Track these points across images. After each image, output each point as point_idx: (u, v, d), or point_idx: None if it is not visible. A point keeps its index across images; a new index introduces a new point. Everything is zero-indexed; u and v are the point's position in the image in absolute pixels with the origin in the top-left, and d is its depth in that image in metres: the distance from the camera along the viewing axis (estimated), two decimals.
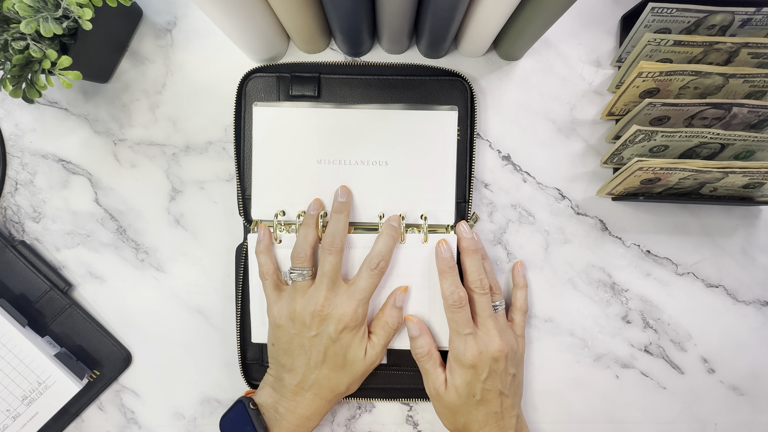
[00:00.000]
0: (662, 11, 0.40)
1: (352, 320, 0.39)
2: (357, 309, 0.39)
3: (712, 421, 0.47)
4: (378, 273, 0.40)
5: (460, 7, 0.37)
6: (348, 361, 0.40)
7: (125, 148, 0.47)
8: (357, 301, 0.40)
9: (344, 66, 0.45)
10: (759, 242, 0.47)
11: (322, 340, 0.40)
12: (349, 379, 0.41)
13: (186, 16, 0.47)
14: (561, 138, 0.47)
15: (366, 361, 0.41)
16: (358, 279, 0.40)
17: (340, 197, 0.42)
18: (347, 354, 0.40)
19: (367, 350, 0.41)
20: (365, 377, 0.42)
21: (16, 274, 0.45)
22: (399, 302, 0.42)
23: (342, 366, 0.40)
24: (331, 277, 0.40)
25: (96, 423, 0.47)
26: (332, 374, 0.40)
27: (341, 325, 0.39)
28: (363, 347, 0.40)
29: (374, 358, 0.41)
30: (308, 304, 0.40)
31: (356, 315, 0.39)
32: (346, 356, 0.40)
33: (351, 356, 0.40)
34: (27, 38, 0.37)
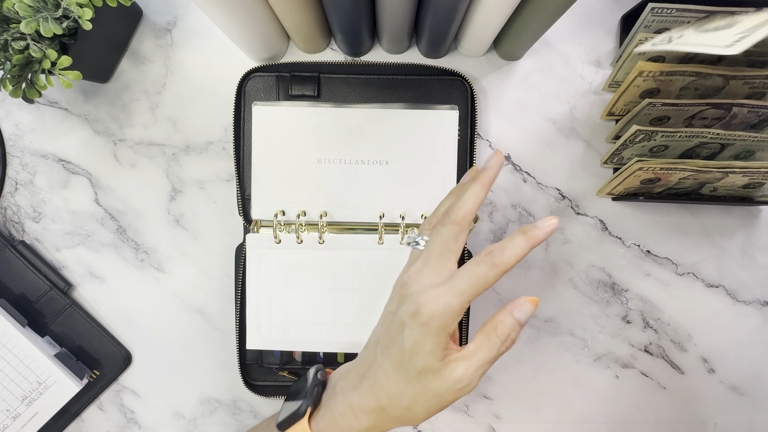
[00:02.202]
0: (662, 11, 0.40)
1: (429, 303, 0.28)
2: (445, 294, 0.28)
3: (712, 421, 0.47)
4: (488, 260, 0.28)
5: (460, 7, 0.37)
6: (416, 365, 0.28)
7: (125, 148, 0.47)
8: (450, 286, 0.28)
9: (344, 65, 0.45)
10: (759, 242, 0.47)
11: (394, 321, 0.30)
12: (415, 392, 0.29)
13: (186, 16, 0.47)
14: (561, 138, 0.47)
15: (445, 379, 0.28)
16: (465, 267, 0.29)
17: (493, 163, 0.31)
18: (415, 355, 0.28)
19: (450, 362, 0.28)
20: (443, 406, 0.29)
21: (16, 274, 0.45)
22: (520, 315, 0.29)
23: (406, 368, 0.29)
24: (434, 251, 0.30)
25: (96, 423, 0.47)
26: (393, 374, 0.29)
27: (414, 307, 0.28)
28: (440, 355, 0.28)
29: (461, 377, 0.28)
30: (401, 274, 0.32)
31: (440, 300, 0.28)
32: (413, 357, 0.28)
33: (421, 361, 0.28)
34: (27, 38, 0.37)
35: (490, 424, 0.47)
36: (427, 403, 0.29)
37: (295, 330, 0.43)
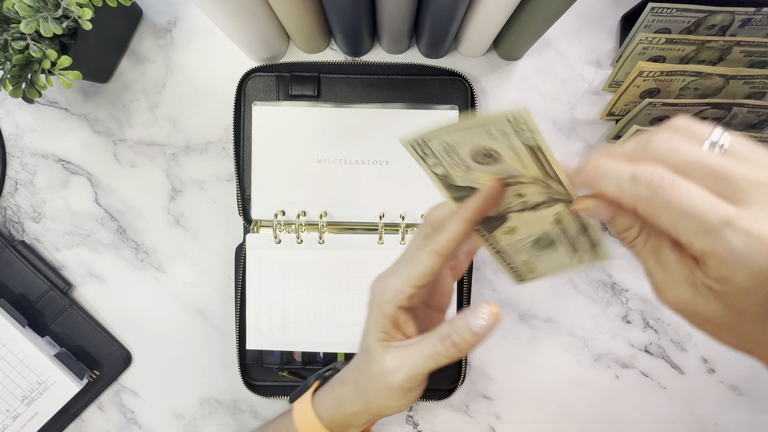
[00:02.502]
0: (662, 11, 0.40)
1: (373, 285, 0.28)
2: (387, 276, 0.28)
3: (712, 421, 0.47)
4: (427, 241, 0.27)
5: (460, 7, 0.37)
6: (364, 344, 0.29)
7: (125, 148, 0.47)
8: (392, 269, 0.28)
9: (344, 65, 0.45)
10: None
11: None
12: (364, 375, 0.29)
13: (186, 16, 0.47)
14: (561, 138, 0.47)
15: (378, 362, 0.27)
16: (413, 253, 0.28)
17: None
18: (364, 334, 0.29)
19: (387, 347, 0.28)
20: (383, 402, 0.28)
21: (16, 274, 0.45)
22: (476, 327, 0.26)
23: (361, 347, 0.30)
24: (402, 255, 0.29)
25: (96, 423, 0.47)
26: (358, 358, 0.30)
27: (369, 292, 0.29)
28: (377, 336, 0.28)
29: (387, 364, 0.27)
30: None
31: (380, 280, 0.28)
32: (363, 337, 0.29)
33: (365, 341, 0.29)
34: (27, 38, 0.37)
35: (490, 424, 0.47)
36: (371, 388, 0.28)
37: (295, 330, 0.43)
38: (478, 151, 0.25)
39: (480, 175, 0.26)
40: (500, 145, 0.24)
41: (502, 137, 0.24)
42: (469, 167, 0.26)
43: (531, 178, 0.26)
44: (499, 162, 0.25)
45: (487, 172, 0.26)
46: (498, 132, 0.24)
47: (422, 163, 0.26)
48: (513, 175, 0.26)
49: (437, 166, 0.26)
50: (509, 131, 0.24)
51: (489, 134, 0.24)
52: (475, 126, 0.24)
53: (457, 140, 0.25)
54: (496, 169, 0.26)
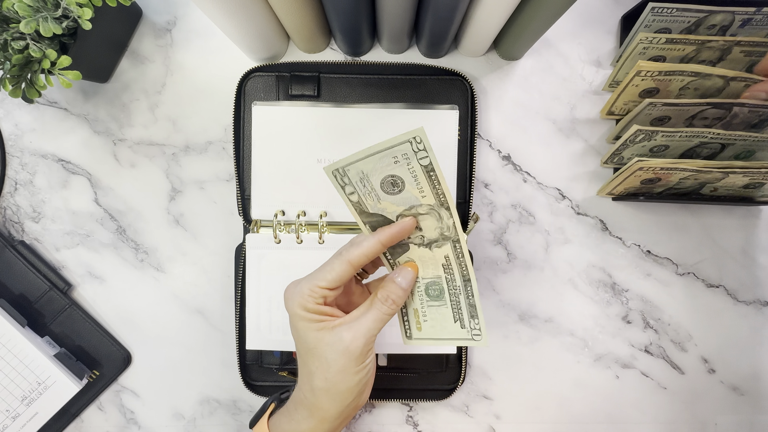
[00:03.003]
0: (662, 11, 0.40)
1: (287, 291, 0.33)
2: (304, 280, 0.32)
3: (713, 421, 0.47)
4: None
5: (460, 7, 0.37)
6: (304, 345, 0.32)
7: (125, 148, 0.47)
8: (312, 273, 0.33)
9: (344, 65, 0.45)
10: (759, 242, 0.47)
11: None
12: (317, 369, 0.32)
13: (186, 15, 0.47)
14: (561, 138, 0.47)
15: (334, 344, 0.31)
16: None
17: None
18: (299, 339, 0.32)
19: (335, 328, 0.32)
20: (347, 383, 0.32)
21: (15, 274, 0.45)
22: (400, 280, 0.32)
23: (300, 352, 0.33)
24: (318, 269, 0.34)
25: (96, 423, 0.47)
26: (299, 363, 0.34)
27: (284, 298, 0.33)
28: (313, 327, 0.32)
29: (348, 339, 0.31)
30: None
31: (299, 287, 0.32)
32: (299, 341, 0.32)
33: (304, 339, 0.32)
34: (27, 38, 0.37)
35: (490, 424, 0.47)
36: (334, 375, 0.31)
37: None
38: (386, 180, 0.30)
39: (388, 205, 0.31)
40: (403, 170, 0.29)
41: (403, 161, 0.29)
42: (379, 197, 0.31)
43: (427, 207, 0.31)
44: (403, 191, 0.30)
45: (393, 202, 0.31)
46: (401, 155, 0.29)
47: (341, 191, 0.31)
48: (413, 205, 0.31)
49: (353, 194, 0.31)
50: (410, 153, 0.29)
51: (395, 159, 0.29)
52: (383, 149, 0.28)
53: (369, 168, 0.29)
54: (400, 199, 0.31)
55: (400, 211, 0.31)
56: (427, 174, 0.29)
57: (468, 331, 0.34)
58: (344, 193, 0.31)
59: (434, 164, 0.29)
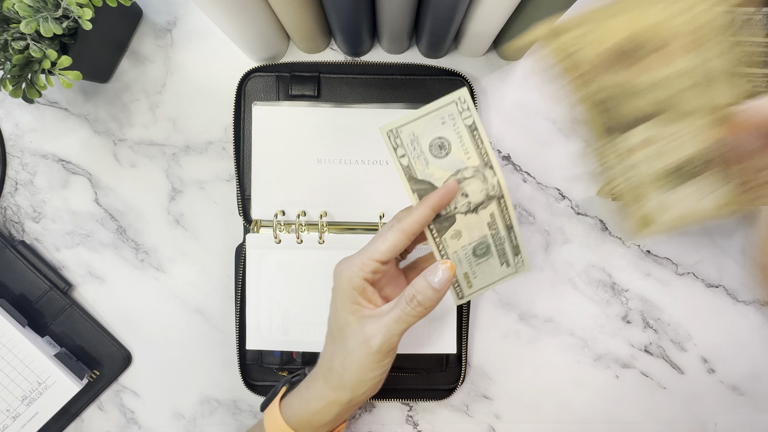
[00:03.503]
0: None
1: (337, 267, 0.32)
2: (352, 257, 0.32)
3: (712, 421, 0.47)
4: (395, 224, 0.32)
5: (460, 7, 0.37)
6: (337, 323, 0.32)
7: (125, 148, 0.47)
8: (358, 251, 0.32)
9: (344, 65, 0.45)
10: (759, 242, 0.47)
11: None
12: (339, 351, 0.32)
13: (186, 16, 0.47)
14: (561, 138, 0.47)
15: (357, 334, 0.31)
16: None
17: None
18: (334, 314, 0.32)
19: (362, 318, 0.31)
20: (366, 374, 0.31)
21: (16, 274, 0.45)
22: (432, 279, 0.30)
23: (331, 329, 0.33)
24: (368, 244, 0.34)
25: (96, 423, 0.47)
26: (326, 340, 0.34)
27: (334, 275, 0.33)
28: (350, 309, 0.31)
29: (370, 333, 0.30)
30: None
31: (345, 261, 0.32)
32: (334, 317, 0.32)
33: (337, 319, 0.32)
34: (27, 38, 0.37)
35: (490, 424, 0.47)
36: (351, 365, 0.31)
37: (295, 330, 0.43)
38: (434, 142, 0.31)
39: (435, 170, 0.32)
40: (449, 132, 0.31)
41: (450, 121, 0.31)
42: (428, 161, 0.31)
43: (473, 169, 0.32)
44: (450, 154, 0.31)
45: (440, 167, 0.32)
46: (447, 116, 0.31)
47: (393, 153, 0.31)
48: (459, 168, 0.32)
49: (404, 157, 0.31)
50: (455, 113, 0.31)
51: (442, 120, 0.31)
52: (433, 110, 0.30)
53: (420, 130, 0.31)
54: (447, 163, 0.32)
55: (446, 177, 0.32)
56: (471, 133, 0.31)
57: (513, 267, 0.35)
58: (396, 155, 0.31)
59: (477, 123, 0.31)
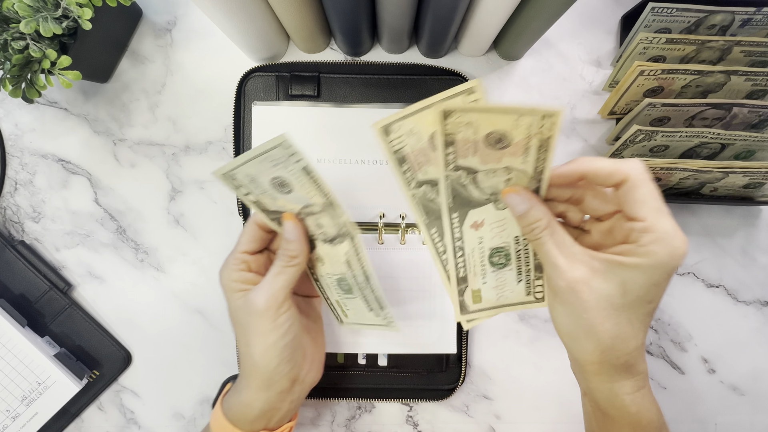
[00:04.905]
0: (662, 11, 0.40)
1: (220, 272, 0.35)
2: (230, 255, 0.35)
3: (713, 421, 0.47)
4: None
5: (460, 7, 0.37)
6: (231, 311, 0.34)
7: (125, 148, 0.47)
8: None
9: (344, 65, 0.45)
10: (759, 242, 0.47)
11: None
12: (241, 334, 0.33)
13: (186, 16, 0.47)
14: (561, 138, 0.47)
15: (249, 307, 0.32)
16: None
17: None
18: (232, 316, 0.34)
19: (248, 294, 0.33)
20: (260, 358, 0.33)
21: (15, 274, 0.45)
22: (289, 235, 0.33)
23: (232, 320, 0.35)
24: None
25: (96, 423, 0.47)
26: (238, 337, 0.35)
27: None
28: (236, 295, 0.33)
29: (257, 301, 0.32)
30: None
31: (225, 261, 0.35)
32: (233, 317, 0.34)
33: (231, 307, 0.34)
34: (27, 38, 0.37)
35: (490, 424, 0.47)
36: (251, 340, 0.33)
37: None
38: (274, 181, 0.30)
39: (285, 203, 0.31)
40: (285, 173, 0.29)
41: (282, 164, 0.28)
42: (274, 197, 0.31)
43: (320, 205, 0.31)
44: (293, 191, 0.30)
45: (288, 200, 0.31)
46: (277, 159, 0.28)
47: (236, 192, 0.31)
48: (308, 204, 0.31)
49: (250, 194, 0.31)
50: (283, 157, 0.28)
51: (273, 163, 0.28)
52: (257, 154, 0.28)
53: (253, 171, 0.29)
54: (293, 197, 0.31)
55: (297, 209, 0.32)
56: (306, 175, 0.29)
57: (382, 318, 0.35)
58: (240, 194, 0.31)
59: (309, 166, 0.29)
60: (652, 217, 0.26)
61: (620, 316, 0.27)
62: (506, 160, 0.28)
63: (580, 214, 0.31)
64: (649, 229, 0.26)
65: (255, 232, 0.34)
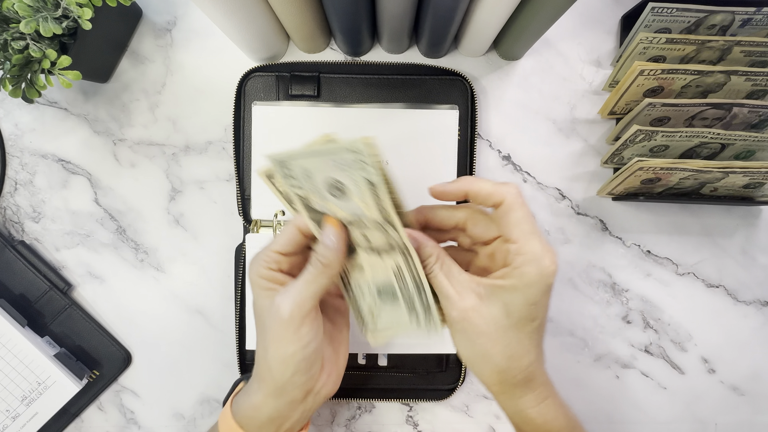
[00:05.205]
0: (662, 11, 0.40)
1: (249, 264, 0.33)
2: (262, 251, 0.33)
3: (713, 422, 0.47)
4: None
5: (460, 7, 0.37)
6: (257, 313, 0.33)
7: (125, 148, 0.47)
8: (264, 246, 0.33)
9: (344, 65, 0.45)
10: (759, 242, 0.47)
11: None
12: (264, 341, 0.32)
13: (186, 15, 0.47)
14: (561, 138, 0.47)
15: (275, 313, 0.31)
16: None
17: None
18: (254, 306, 0.33)
19: (275, 298, 0.31)
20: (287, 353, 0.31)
21: (15, 274, 0.45)
22: (326, 240, 0.30)
23: (256, 321, 0.33)
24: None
25: (96, 423, 0.47)
26: (258, 336, 0.33)
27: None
28: (264, 294, 0.31)
29: (284, 307, 0.30)
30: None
31: (256, 256, 0.33)
32: (255, 309, 0.33)
33: (257, 307, 0.32)
34: (27, 38, 0.37)
35: (490, 424, 0.47)
36: (270, 345, 0.31)
37: None
38: (329, 182, 0.27)
39: (334, 208, 0.29)
40: (346, 178, 0.26)
41: (347, 168, 0.26)
42: (324, 198, 0.28)
43: (372, 221, 0.28)
44: (348, 198, 0.27)
45: (338, 207, 0.28)
46: (342, 162, 0.25)
47: (285, 182, 0.28)
48: (358, 215, 0.28)
49: (299, 188, 0.29)
50: (351, 162, 0.25)
51: (336, 164, 0.25)
52: (322, 151, 0.25)
53: (311, 166, 0.27)
54: (345, 206, 0.28)
55: (346, 217, 0.29)
56: (371, 188, 0.26)
57: (423, 324, 0.32)
58: (287, 184, 0.28)
59: (378, 181, 0.25)
60: (523, 239, 0.28)
61: (509, 337, 0.29)
62: (353, 209, 0.27)
63: (468, 238, 0.33)
64: (520, 251, 0.28)
65: (295, 235, 0.32)
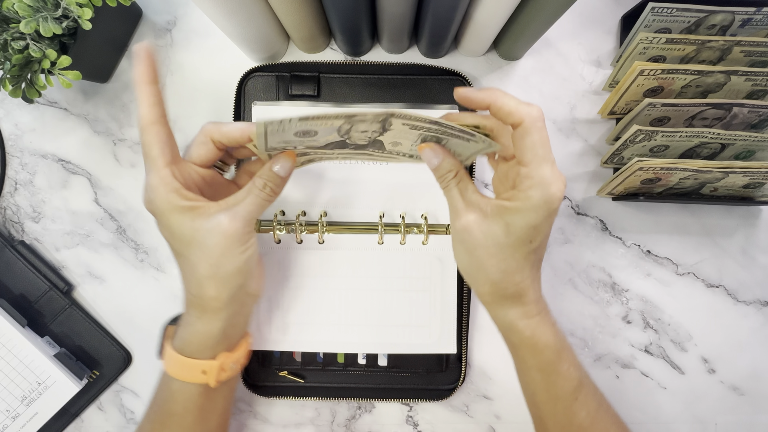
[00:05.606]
0: (662, 11, 0.40)
1: (145, 187, 0.32)
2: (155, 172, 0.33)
3: (713, 422, 0.47)
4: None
5: (460, 7, 0.37)
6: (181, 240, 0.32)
7: (125, 147, 0.47)
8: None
9: (344, 65, 0.45)
10: (759, 242, 0.47)
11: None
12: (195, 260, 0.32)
13: (186, 16, 0.47)
14: (561, 138, 0.47)
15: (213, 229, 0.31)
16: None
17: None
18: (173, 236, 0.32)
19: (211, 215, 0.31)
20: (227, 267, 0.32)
21: (15, 274, 0.45)
22: (278, 168, 0.33)
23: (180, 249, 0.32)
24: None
25: (96, 423, 0.47)
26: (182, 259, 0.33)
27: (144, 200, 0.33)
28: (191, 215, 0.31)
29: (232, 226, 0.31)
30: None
31: (154, 183, 0.32)
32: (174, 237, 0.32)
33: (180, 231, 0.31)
34: (27, 38, 0.37)
35: (490, 424, 0.47)
36: (206, 258, 0.31)
37: (295, 330, 0.43)
38: (297, 135, 0.31)
39: (324, 140, 0.32)
40: (292, 133, 0.30)
41: (286, 131, 0.30)
42: (312, 143, 0.32)
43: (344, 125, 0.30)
44: (318, 132, 0.30)
45: (325, 137, 0.31)
46: (278, 133, 0.30)
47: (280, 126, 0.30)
48: (335, 130, 0.30)
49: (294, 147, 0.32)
50: (281, 129, 0.29)
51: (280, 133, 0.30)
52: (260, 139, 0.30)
53: (277, 138, 0.31)
54: (324, 133, 0.30)
55: (336, 138, 0.31)
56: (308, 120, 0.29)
57: (479, 141, 0.32)
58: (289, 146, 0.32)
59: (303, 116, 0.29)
60: (534, 163, 0.29)
61: (505, 253, 0.31)
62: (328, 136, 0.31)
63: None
64: (529, 174, 0.29)
65: (210, 149, 0.34)
